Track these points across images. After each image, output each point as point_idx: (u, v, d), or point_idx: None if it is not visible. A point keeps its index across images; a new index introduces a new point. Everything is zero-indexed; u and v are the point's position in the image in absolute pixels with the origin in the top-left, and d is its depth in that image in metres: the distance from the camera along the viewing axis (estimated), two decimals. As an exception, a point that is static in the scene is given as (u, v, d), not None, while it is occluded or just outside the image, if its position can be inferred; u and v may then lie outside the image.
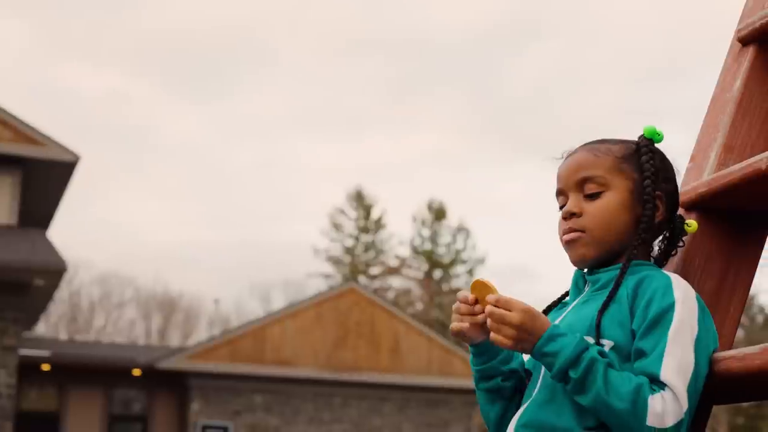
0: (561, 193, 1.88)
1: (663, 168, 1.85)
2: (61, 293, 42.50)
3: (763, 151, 1.88)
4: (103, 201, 62.47)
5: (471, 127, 64.23)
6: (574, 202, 1.83)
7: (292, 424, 23.10)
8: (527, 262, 66.43)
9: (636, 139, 1.88)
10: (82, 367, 22.63)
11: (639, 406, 1.57)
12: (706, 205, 1.90)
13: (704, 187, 1.88)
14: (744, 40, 2.03)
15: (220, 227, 64.70)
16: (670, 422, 1.57)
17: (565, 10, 61.71)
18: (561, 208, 1.87)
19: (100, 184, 63.14)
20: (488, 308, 1.70)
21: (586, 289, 1.85)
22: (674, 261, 1.89)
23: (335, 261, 46.32)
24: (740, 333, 35.29)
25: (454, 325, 1.81)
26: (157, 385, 23.20)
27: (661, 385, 1.60)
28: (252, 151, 65.18)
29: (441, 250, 45.87)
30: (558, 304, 1.94)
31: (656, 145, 1.87)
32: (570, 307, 1.85)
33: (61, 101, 62.15)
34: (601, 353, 1.65)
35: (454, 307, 1.82)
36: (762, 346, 1.58)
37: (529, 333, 1.67)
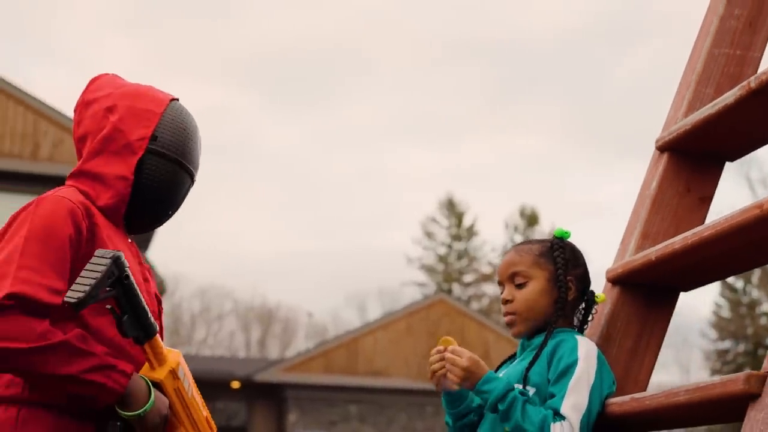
0: (500, 284, 2.51)
1: (572, 258, 2.47)
2: (164, 307, 43.89)
3: (673, 237, 2.46)
4: (203, 214, 64.27)
5: (571, 130, 64.27)
6: (507, 292, 2.47)
7: (386, 433, 23.78)
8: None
9: (550, 239, 2.50)
10: (184, 380, 23.56)
11: (545, 430, 2.21)
12: (624, 281, 2.50)
13: (622, 267, 2.48)
14: (661, 149, 2.61)
15: (315, 237, 65.94)
16: None
17: (663, 9, 61.27)
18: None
19: (199, 197, 64.81)
20: (446, 355, 2.35)
21: (525, 350, 2.47)
22: (600, 324, 2.49)
23: (428, 269, 46.91)
24: None
25: (436, 368, 2.41)
26: (255, 396, 24.09)
27: (562, 417, 2.23)
28: (347, 161, 66.31)
29: (533, 256, 46.00)
30: (510, 358, 2.57)
31: (568, 239, 2.49)
32: (514, 362, 2.49)
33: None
34: (522, 393, 2.28)
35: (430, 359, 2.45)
36: (629, 396, 2.19)
37: (472, 374, 2.31)
